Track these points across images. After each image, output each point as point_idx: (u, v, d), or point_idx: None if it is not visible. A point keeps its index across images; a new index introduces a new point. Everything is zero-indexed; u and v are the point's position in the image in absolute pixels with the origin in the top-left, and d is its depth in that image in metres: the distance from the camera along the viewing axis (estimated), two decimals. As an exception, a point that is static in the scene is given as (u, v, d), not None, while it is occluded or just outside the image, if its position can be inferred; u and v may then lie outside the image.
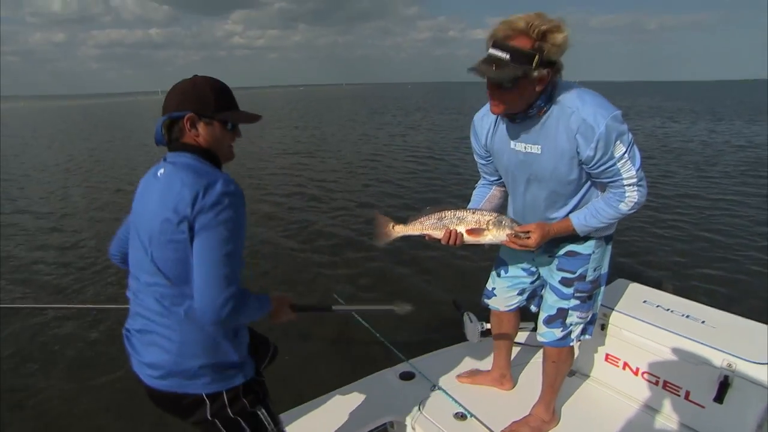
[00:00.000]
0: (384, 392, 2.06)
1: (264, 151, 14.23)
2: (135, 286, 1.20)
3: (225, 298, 1.03)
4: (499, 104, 1.44)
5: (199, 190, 1.04)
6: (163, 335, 1.14)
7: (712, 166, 10.07)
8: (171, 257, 1.09)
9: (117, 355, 3.16)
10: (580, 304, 1.71)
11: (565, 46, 1.34)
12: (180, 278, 1.10)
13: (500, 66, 1.33)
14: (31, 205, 8.20)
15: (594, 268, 1.68)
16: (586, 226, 1.55)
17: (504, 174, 1.71)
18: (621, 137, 1.38)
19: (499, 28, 1.33)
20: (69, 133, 23.46)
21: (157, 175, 1.15)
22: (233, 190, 1.07)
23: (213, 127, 1.17)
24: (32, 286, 4.72)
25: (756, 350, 1.67)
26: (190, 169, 1.11)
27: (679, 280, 4.30)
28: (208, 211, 1.03)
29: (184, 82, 1.18)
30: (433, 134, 17.25)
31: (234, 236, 1.06)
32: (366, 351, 3.07)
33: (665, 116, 23.38)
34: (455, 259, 4.89)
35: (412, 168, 10.52)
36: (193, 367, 1.13)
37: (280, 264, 5.15)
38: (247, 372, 1.22)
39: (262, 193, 8.50)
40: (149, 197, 1.14)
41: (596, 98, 1.42)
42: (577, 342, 1.77)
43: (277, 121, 25.79)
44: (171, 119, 1.15)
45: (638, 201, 1.47)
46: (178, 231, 1.05)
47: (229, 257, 1.05)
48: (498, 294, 1.95)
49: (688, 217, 6.42)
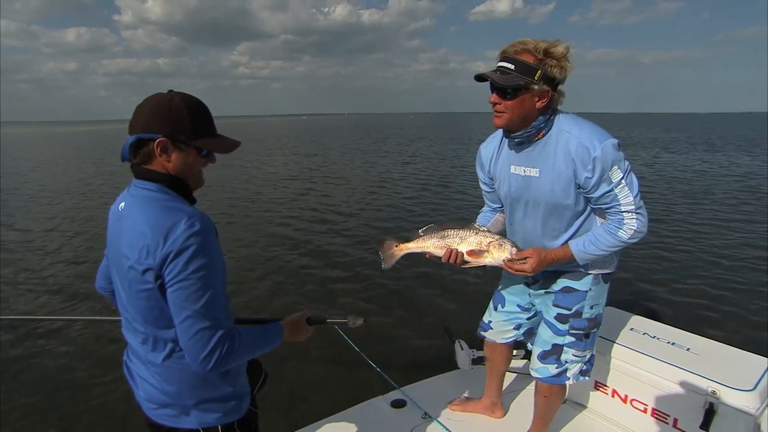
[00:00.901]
0: (375, 420, 2.06)
1: (270, 175, 14.50)
2: (124, 322, 1.15)
3: (210, 349, 0.97)
4: (501, 113, 1.50)
5: (160, 236, 0.94)
6: (152, 375, 1.11)
7: (704, 194, 10.18)
8: (143, 305, 1.02)
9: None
10: (576, 342, 1.70)
11: (566, 62, 1.44)
12: (158, 323, 1.03)
13: (505, 74, 1.44)
14: (58, 225, 8.36)
15: (591, 305, 1.68)
16: (585, 253, 1.55)
17: (504, 200, 1.75)
18: (618, 163, 1.43)
19: (510, 45, 1.47)
20: (79, 157, 23.83)
21: (119, 209, 1.07)
22: (198, 229, 0.96)
23: (186, 153, 1.06)
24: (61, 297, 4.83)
25: (740, 377, 1.69)
26: (153, 205, 1.01)
27: (666, 308, 4.30)
28: (174, 259, 0.94)
29: (159, 97, 1.04)
30: (437, 162, 17.53)
31: (209, 282, 0.98)
32: (357, 378, 3.05)
33: (660, 146, 23.73)
34: (448, 286, 4.90)
35: (414, 194, 10.67)
36: (187, 404, 1.10)
37: (270, 281, 5.19)
38: (243, 405, 1.19)
39: (269, 215, 8.64)
40: (115, 236, 1.06)
41: (594, 125, 1.50)
42: (573, 382, 1.75)
43: (281, 148, 26.31)
44: (139, 140, 1.02)
45: (638, 229, 1.47)
46: (143, 281, 0.98)
47: (207, 307, 0.97)
48: (494, 327, 1.97)
49: (677, 245, 6.45)
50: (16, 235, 7.63)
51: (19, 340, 3.86)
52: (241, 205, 9.67)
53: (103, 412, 2.90)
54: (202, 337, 0.97)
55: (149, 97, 1.05)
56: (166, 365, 1.08)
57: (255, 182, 12.99)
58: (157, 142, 1.01)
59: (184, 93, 1.06)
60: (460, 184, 11.79)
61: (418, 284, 4.97)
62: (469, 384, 2.29)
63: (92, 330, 3.97)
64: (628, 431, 1.95)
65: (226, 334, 1.00)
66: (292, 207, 9.48)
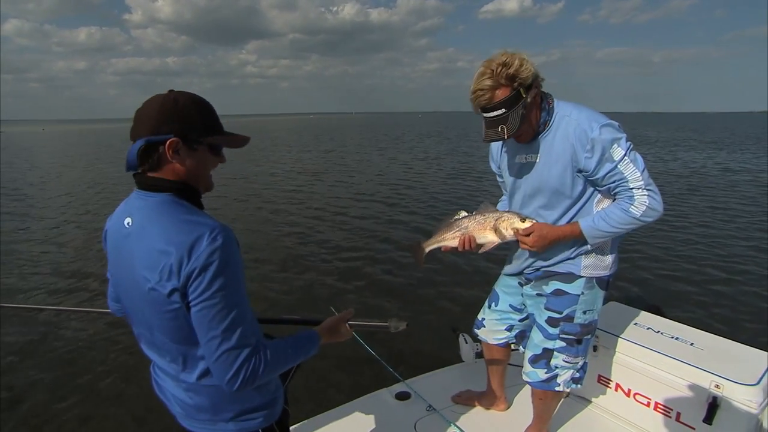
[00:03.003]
0: (380, 412, 2.07)
1: (280, 172, 14.63)
2: (143, 340, 1.10)
3: (235, 370, 0.93)
4: (521, 136, 1.54)
5: (183, 253, 0.89)
6: (185, 392, 1.07)
7: (710, 191, 10.14)
8: (171, 325, 0.97)
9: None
10: (567, 347, 1.68)
11: (527, 63, 1.43)
12: (189, 341, 0.98)
13: (505, 121, 1.45)
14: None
15: (584, 311, 1.65)
16: (595, 229, 1.50)
17: (509, 189, 1.77)
18: (617, 141, 1.43)
19: (476, 95, 1.46)
20: (97, 155, 24.12)
21: (125, 225, 0.98)
22: (221, 243, 0.91)
23: (199, 153, 1.00)
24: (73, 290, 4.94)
25: (743, 372, 1.68)
26: (168, 218, 0.95)
27: (670, 303, 4.28)
28: (198, 277, 0.90)
29: (162, 97, 0.97)
30: (451, 158, 17.76)
31: (234, 299, 0.94)
32: (362, 370, 3.08)
33: (672, 144, 23.51)
34: (453, 280, 4.93)
35: (437, 190, 10.85)
36: (224, 417, 1.08)
37: (280, 278, 5.21)
38: (278, 407, 1.16)
39: (278, 213, 8.70)
40: (127, 256, 0.98)
41: (593, 111, 1.52)
42: (566, 389, 1.74)
43: (291, 146, 26.55)
44: (148, 144, 0.95)
45: (650, 205, 1.42)
46: (170, 302, 0.93)
47: (233, 325, 0.93)
48: (487, 326, 1.99)
49: (682, 240, 6.42)
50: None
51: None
52: (254, 205, 9.75)
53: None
54: (228, 357, 0.93)
55: (150, 99, 0.98)
56: (200, 384, 1.04)
57: (261, 180, 13.08)
58: (168, 143, 0.95)
59: (185, 91, 1.01)
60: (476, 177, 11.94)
61: (423, 278, 4.99)
62: (473, 377, 2.30)
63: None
64: (632, 425, 1.96)
65: (252, 352, 0.95)
66: (302, 201, 9.55)
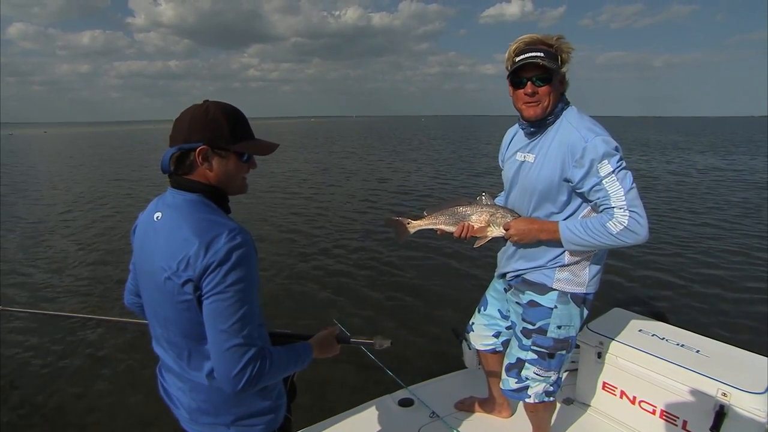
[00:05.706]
0: (383, 419, 2.07)
1: (282, 176, 14.61)
2: (155, 337, 1.13)
3: (241, 367, 0.94)
4: (537, 103, 1.52)
5: (201, 247, 0.94)
6: (188, 392, 1.09)
7: (712, 196, 10.12)
8: (183, 317, 1.00)
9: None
10: (538, 360, 1.66)
11: (569, 50, 1.49)
12: (197, 336, 1.01)
13: (543, 60, 1.46)
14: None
15: (558, 325, 1.62)
16: (570, 232, 1.48)
17: (506, 187, 1.78)
18: (609, 157, 1.41)
19: (522, 38, 1.50)
20: (101, 157, 24.20)
21: (154, 219, 1.05)
22: (240, 242, 0.96)
23: (227, 160, 1.06)
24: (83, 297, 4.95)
25: (751, 380, 1.67)
26: (193, 215, 1.00)
27: (675, 309, 4.26)
28: (214, 270, 0.93)
29: (195, 108, 1.06)
30: (456, 160, 17.88)
31: (246, 297, 0.96)
32: (365, 377, 3.07)
33: (672, 148, 23.51)
34: (456, 285, 4.92)
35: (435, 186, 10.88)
36: (226, 421, 1.09)
37: (279, 288, 5.18)
38: (280, 415, 1.17)
39: (281, 217, 8.67)
40: (150, 247, 1.04)
41: (596, 124, 1.50)
42: (538, 403, 1.71)
43: (298, 149, 26.54)
44: (181, 151, 1.03)
45: (629, 227, 1.38)
46: (183, 292, 0.96)
47: (242, 322, 0.95)
48: (476, 330, 1.99)
49: (686, 246, 6.39)
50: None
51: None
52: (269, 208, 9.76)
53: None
54: (235, 353, 0.94)
55: (186, 110, 1.06)
56: (203, 384, 1.06)
57: (261, 182, 13.07)
58: (198, 150, 1.02)
59: (218, 101, 1.07)
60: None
61: (426, 283, 4.98)
62: (477, 383, 2.29)
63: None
64: None
65: (258, 352, 0.97)
66: (302, 204, 9.55)
